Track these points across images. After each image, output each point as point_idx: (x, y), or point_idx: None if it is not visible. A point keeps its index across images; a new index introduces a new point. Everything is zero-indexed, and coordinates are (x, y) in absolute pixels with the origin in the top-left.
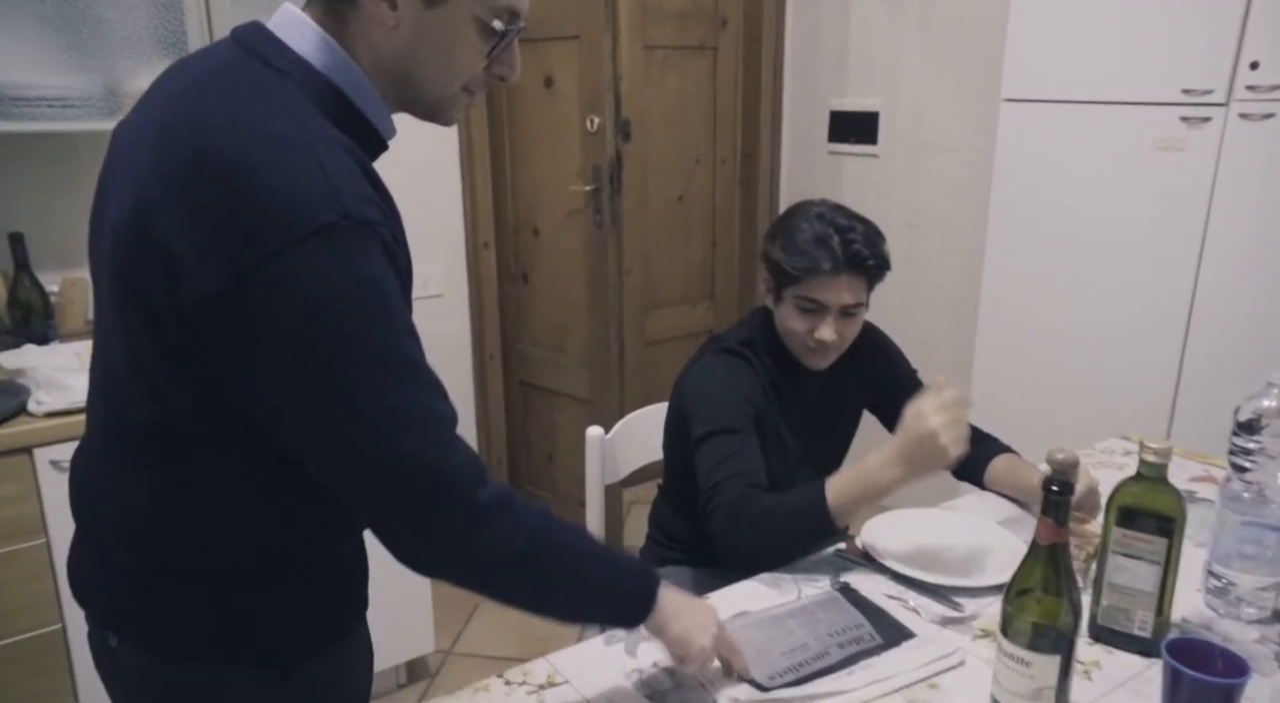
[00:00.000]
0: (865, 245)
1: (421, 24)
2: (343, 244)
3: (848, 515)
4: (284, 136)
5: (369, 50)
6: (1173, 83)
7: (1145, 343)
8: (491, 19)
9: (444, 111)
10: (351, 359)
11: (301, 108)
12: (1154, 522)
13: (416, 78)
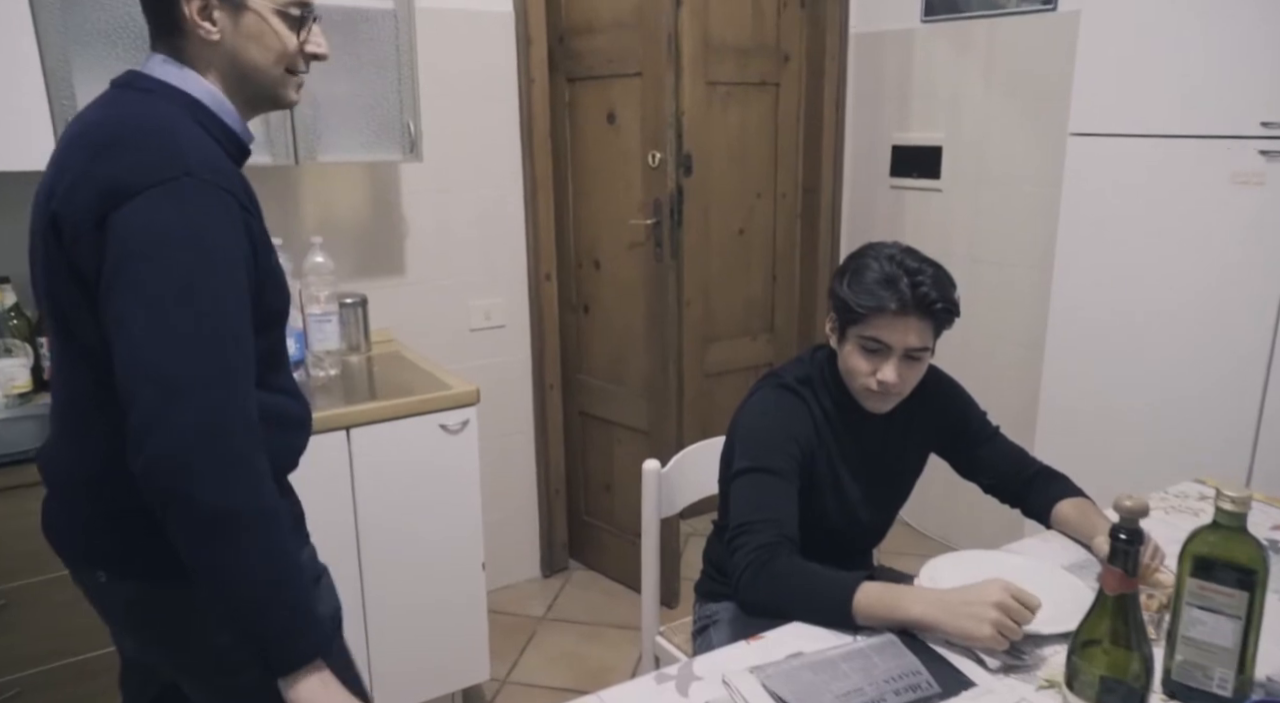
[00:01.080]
0: (934, 288)
1: (235, 31)
2: (181, 195)
3: (865, 621)
4: (146, 122)
5: (207, 65)
6: (1251, 115)
7: (1223, 383)
8: (290, 8)
9: (279, 95)
10: (158, 277)
11: (167, 109)
12: (1233, 574)
13: (248, 73)
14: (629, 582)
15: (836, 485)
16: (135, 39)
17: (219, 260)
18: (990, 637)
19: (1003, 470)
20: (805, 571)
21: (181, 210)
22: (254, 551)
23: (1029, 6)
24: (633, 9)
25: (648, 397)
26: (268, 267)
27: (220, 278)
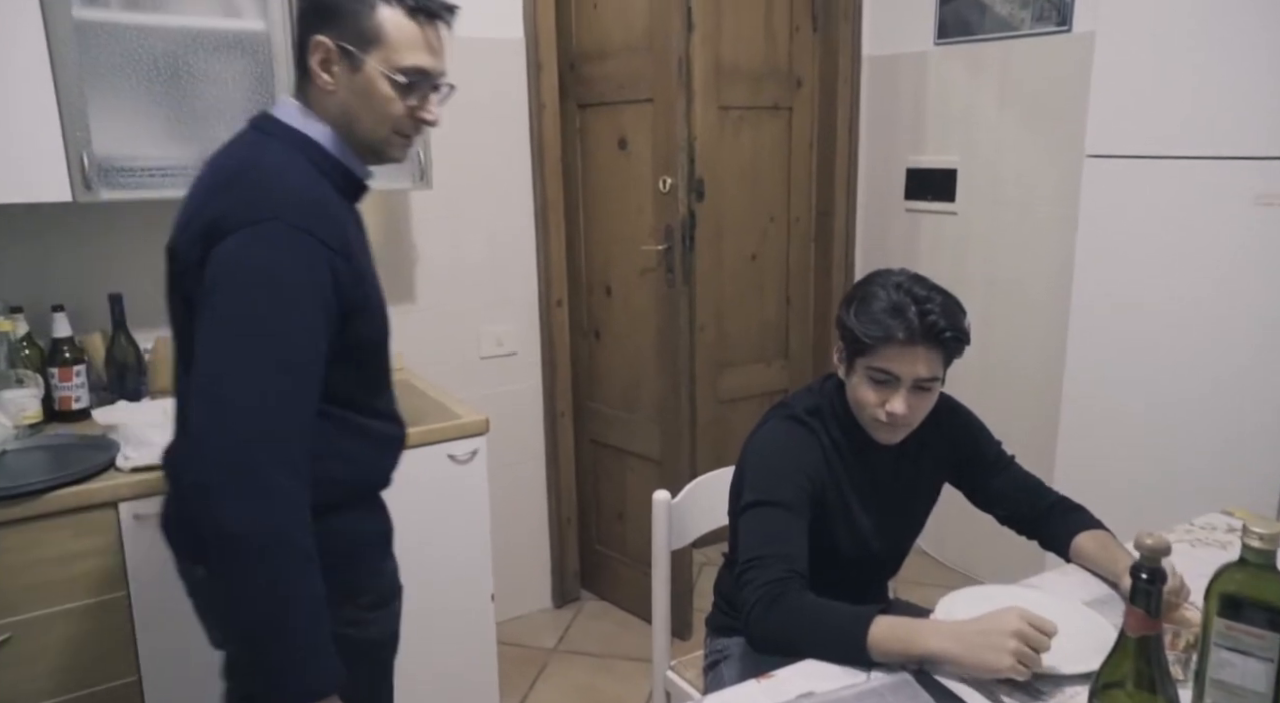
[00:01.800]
0: (943, 317)
1: (350, 85)
2: (267, 236)
3: (880, 657)
4: (254, 167)
5: (323, 108)
6: (1270, 135)
7: (1251, 408)
8: (397, 76)
9: (384, 151)
10: (235, 306)
11: (278, 153)
12: (1263, 614)
13: (355, 126)
14: (642, 612)
15: (848, 517)
16: (149, 73)
17: (291, 297)
18: (1010, 667)
19: (1018, 501)
20: (816, 606)
21: (264, 250)
22: (259, 579)
23: (1043, 28)
24: (644, 35)
25: (660, 424)
26: (358, 300)
27: (290, 313)
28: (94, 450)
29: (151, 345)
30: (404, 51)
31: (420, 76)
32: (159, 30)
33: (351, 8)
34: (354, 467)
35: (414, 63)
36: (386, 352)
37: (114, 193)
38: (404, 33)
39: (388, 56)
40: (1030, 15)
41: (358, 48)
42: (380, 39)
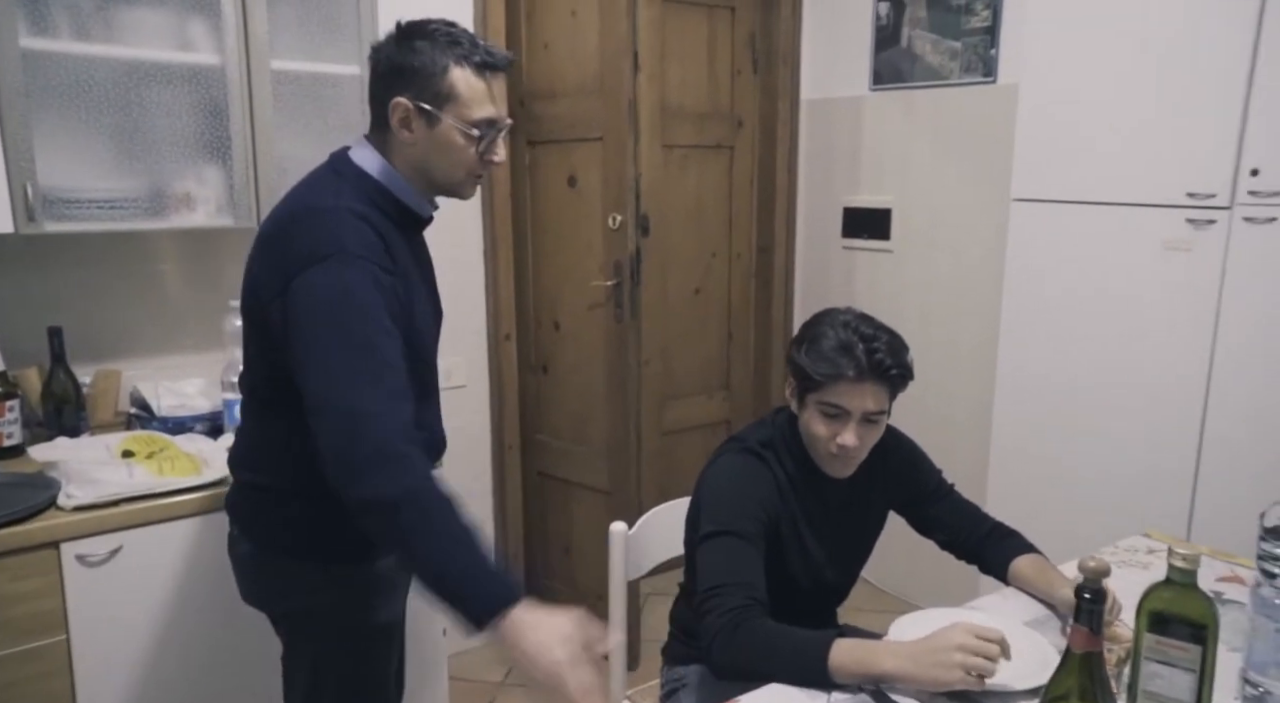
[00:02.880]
0: (889, 355)
1: (428, 139)
2: (334, 267)
3: (840, 678)
4: (318, 208)
5: (403, 159)
6: (1178, 185)
7: (1162, 439)
8: (471, 130)
9: (458, 191)
10: (326, 330)
11: (343, 193)
12: (1186, 628)
13: (433, 172)
14: None
15: (801, 546)
16: (99, 104)
17: (366, 312)
18: (960, 679)
19: (958, 527)
20: (778, 632)
21: (335, 280)
22: (417, 531)
23: (971, 78)
24: (594, 77)
25: (608, 457)
26: (405, 314)
27: (369, 324)
28: (32, 489)
29: (90, 379)
30: (475, 107)
31: (490, 126)
32: (109, 61)
33: (427, 71)
34: None
35: (484, 116)
36: (426, 364)
37: (59, 224)
38: (474, 90)
39: (461, 112)
40: (959, 66)
41: (435, 106)
42: (454, 97)
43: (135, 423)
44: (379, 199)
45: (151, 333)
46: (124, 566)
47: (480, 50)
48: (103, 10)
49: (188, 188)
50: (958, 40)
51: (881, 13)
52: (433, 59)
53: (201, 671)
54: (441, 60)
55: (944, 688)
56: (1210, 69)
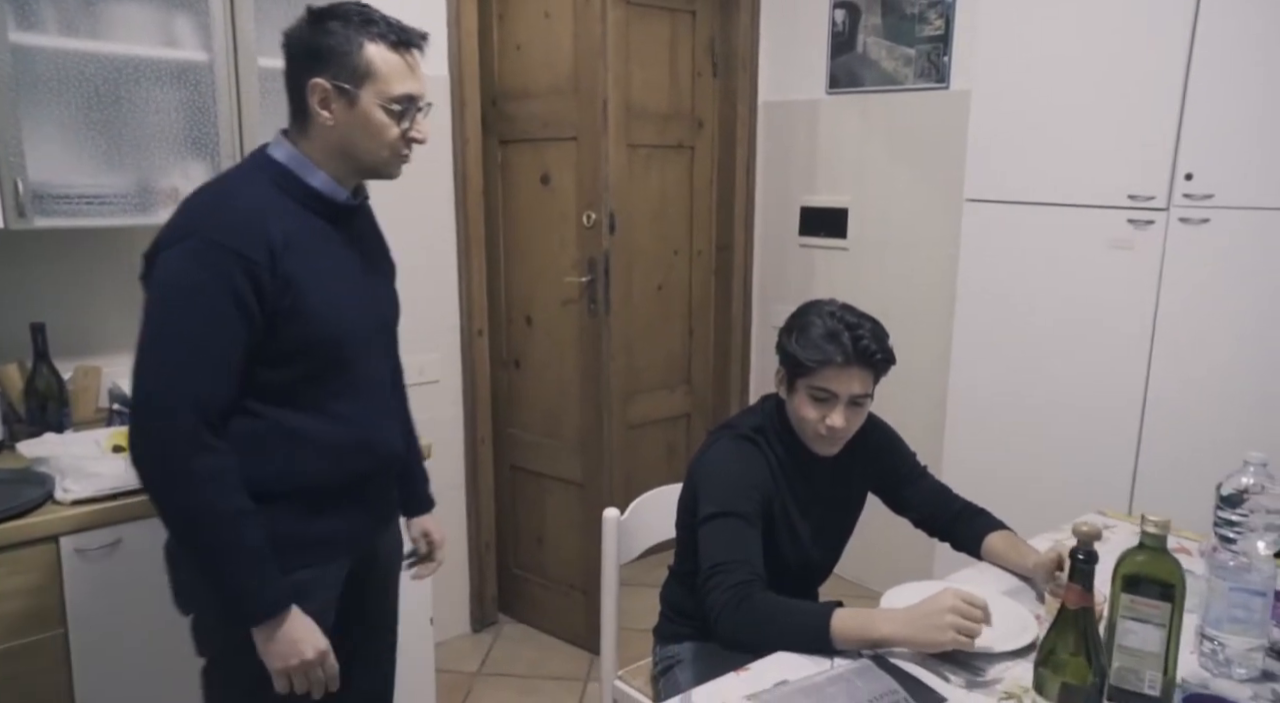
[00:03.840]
0: (873, 341)
1: (349, 119)
2: (181, 251)
3: (841, 644)
4: (200, 190)
5: (323, 143)
6: (1120, 188)
7: (1106, 424)
8: (391, 105)
9: (384, 171)
10: (150, 316)
11: (240, 179)
12: (1157, 588)
13: (357, 153)
14: (562, 634)
15: (790, 526)
16: (88, 100)
17: (195, 301)
18: (952, 640)
19: (931, 507)
20: (781, 604)
21: (178, 263)
22: (198, 541)
23: (924, 84)
24: (569, 78)
25: (581, 450)
26: (285, 305)
27: (195, 313)
28: (25, 485)
29: (72, 375)
30: (393, 82)
31: (409, 102)
32: (97, 57)
33: (342, 49)
34: (277, 467)
35: (403, 91)
36: (345, 360)
37: (48, 220)
38: (391, 66)
39: (380, 89)
40: (913, 72)
41: (353, 84)
42: (371, 74)
43: (116, 419)
44: (289, 186)
45: (131, 329)
46: (123, 559)
47: (394, 28)
48: (90, 6)
49: (175, 184)
50: (912, 47)
51: (838, 19)
52: (347, 38)
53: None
54: (356, 38)
55: (937, 649)
56: (1149, 80)
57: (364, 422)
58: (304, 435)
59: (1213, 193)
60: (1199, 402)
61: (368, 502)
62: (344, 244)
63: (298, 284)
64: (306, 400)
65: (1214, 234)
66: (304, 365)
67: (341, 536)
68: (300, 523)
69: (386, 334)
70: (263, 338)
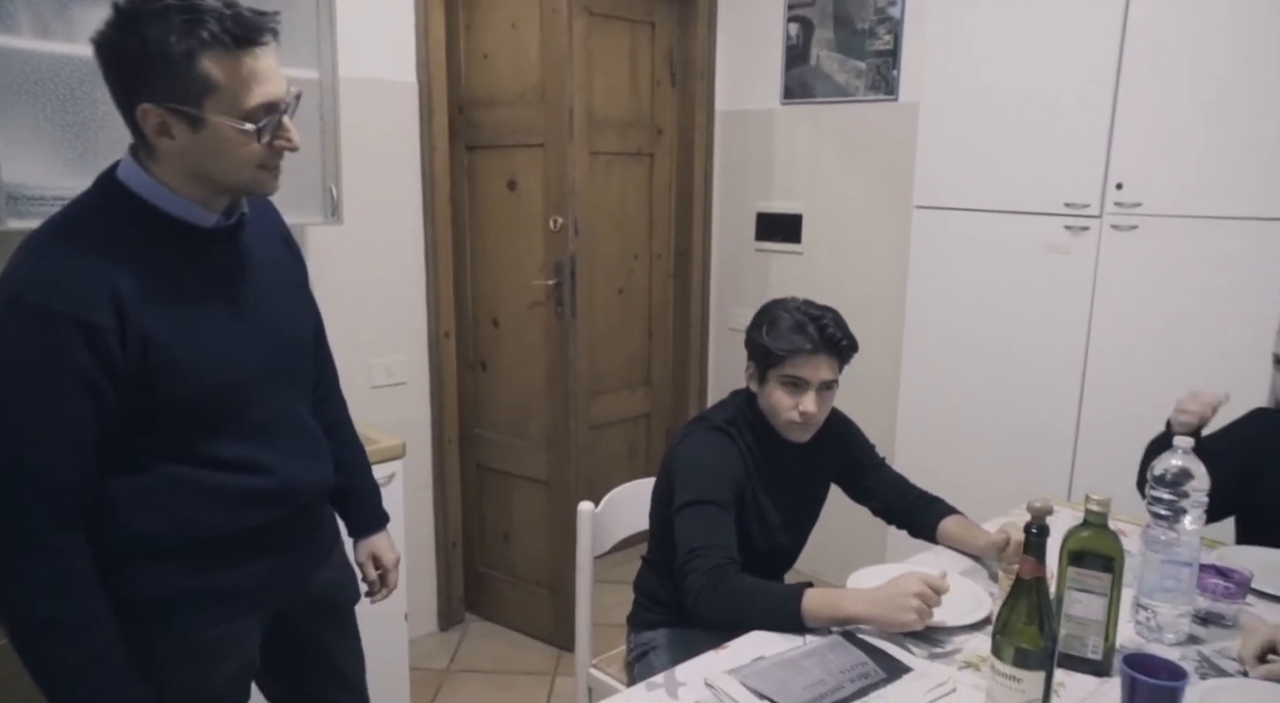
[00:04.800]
0: (837, 329)
1: (196, 144)
2: (9, 324)
3: (812, 623)
4: (37, 235)
5: (173, 169)
6: (1057, 196)
7: (1046, 418)
8: (242, 124)
9: (252, 190)
10: None
11: (82, 219)
12: (1100, 561)
13: (214, 175)
14: (530, 630)
15: (760, 514)
16: (63, 102)
17: (30, 390)
18: (915, 620)
19: (889, 496)
20: (755, 585)
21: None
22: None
23: (874, 96)
24: (536, 86)
25: (548, 449)
26: (149, 362)
27: (27, 405)
28: None
29: None
30: (242, 94)
31: (267, 111)
32: (72, 60)
33: (169, 64)
34: (166, 521)
35: (257, 101)
36: (227, 403)
37: (22, 221)
38: (235, 74)
39: (228, 105)
40: (864, 84)
41: (192, 106)
42: (212, 89)
43: None
44: (141, 216)
45: None
46: None
47: (230, 20)
48: (64, 9)
49: None
50: (862, 61)
51: (792, 33)
52: (171, 48)
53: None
54: (183, 47)
55: (901, 629)
56: (1082, 95)
57: (268, 466)
58: (195, 487)
59: (1141, 201)
60: (1131, 396)
61: (282, 549)
62: (216, 274)
63: (157, 339)
64: (195, 451)
65: (1142, 240)
66: (183, 419)
67: (248, 588)
68: (197, 578)
69: (294, 360)
70: (127, 404)
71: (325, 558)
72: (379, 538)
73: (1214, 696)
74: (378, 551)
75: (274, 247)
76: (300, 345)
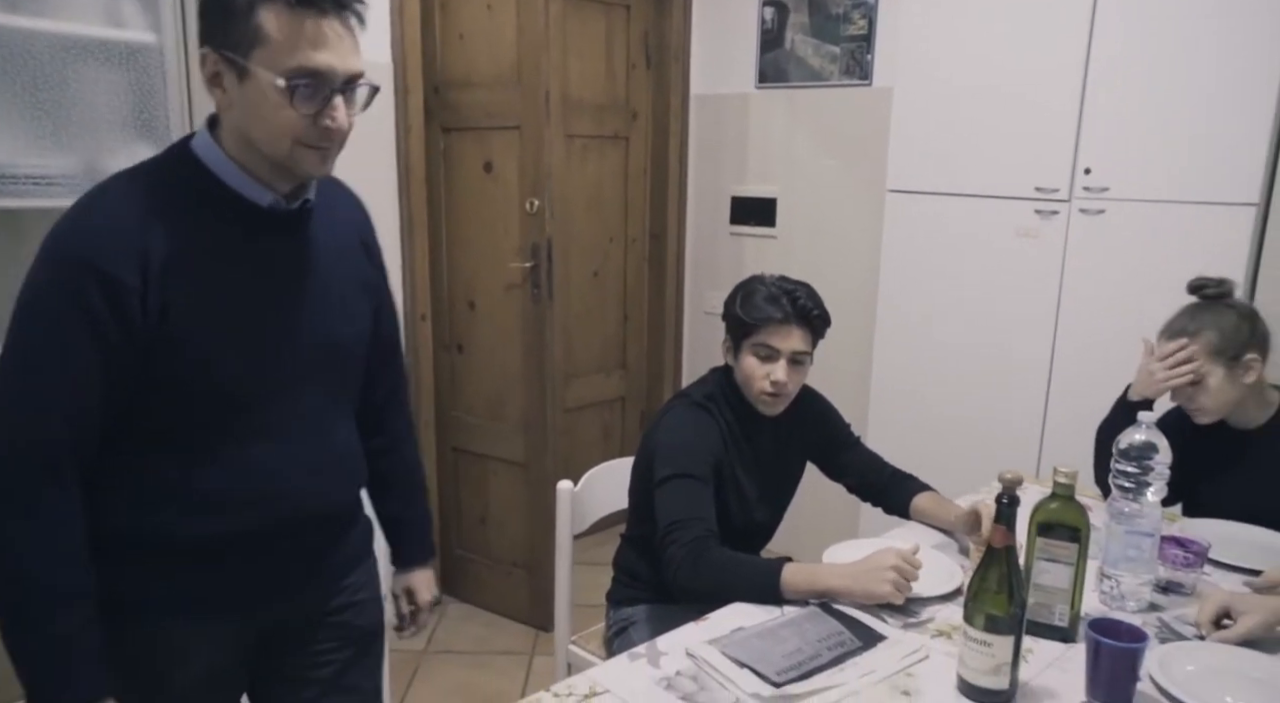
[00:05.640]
0: (809, 300)
1: (243, 99)
2: (37, 271)
3: (790, 595)
4: (86, 194)
5: (230, 131)
6: (1027, 180)
7: (1016, 397)
8: (276, 79)
9: (291, 166)
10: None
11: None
12: (1067, 531)
13: (256, 140)
14: (507, 612)
15: (738, 488)
16: (33, 79)
17: (43, 334)
18: (890, 593)
19: (864, 473)
20: (735, 558)
21: (26, 286)
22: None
23: (848, 81)
24: (512, 68)
25: (525, 431)
26: (164, 332)
27: (39, 350)
28: None
29: None
30: (287, 52)
31: (309, 78)
32: (42, 36)
33: (233, 9)
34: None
35: (298, 63)
36: (239, 398)
37: None
38: (286, 30)
39: (271, 59)
40: (838, 69)
41: (240, 54)
42: (262, 40)
43: None
44: (201, 185)
45: None
46: None
47: None
48: None
49: (121, 164)
50: (837, 45)
51: (767, 17)
52: None
53: None
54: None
55: (875, 600)
56: (1052, 81)
57: (272, 470)
58: (181, 481)
59: (1108, 186)
60: (1097, 375)
61: (269, 559)
62: (265, 260)
63: (178, 310)
64: (191, 443)
65: (1110, 223)
66: (185, 406)
67: (225, 594)
68: (171, 578)
69: (329, 365)
70: (133, 373)
71: (334, 579)
72: (418, 575)
73: (1172, 658)
74: (413, 586)
75: (347, 244)
76: (342, 351)
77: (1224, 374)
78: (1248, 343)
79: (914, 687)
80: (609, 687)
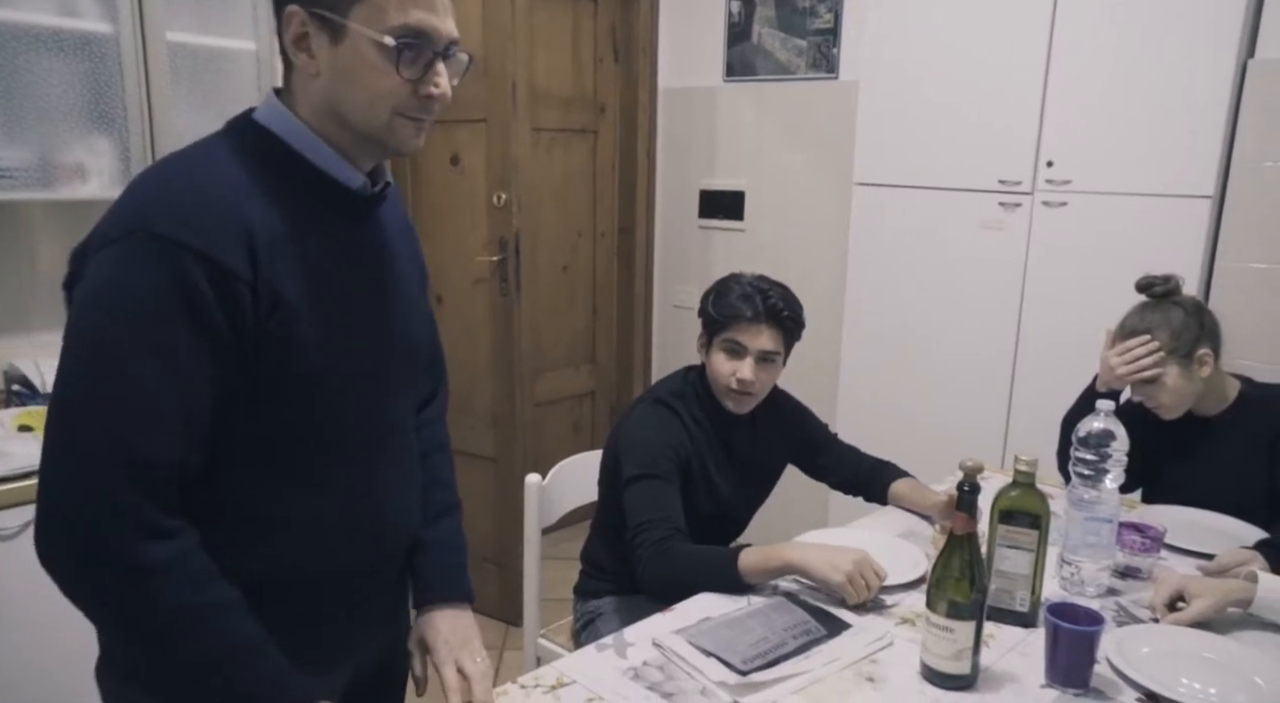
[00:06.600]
0: (782, 301)
1: (334, 62)
2: (117, 253)
3: (751, 578)
4: (163, 166)
5: (311, 102)
6: (991, 174)
7: (981, 388)
8: (383, 37)
9: (386, 138)
10: (73, 339)
11: (215, 152)
12: (1027, 518)
13: (347, 112)
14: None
15: (708, 483)
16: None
17: (143, 331)
18: (840, 585)
19: (845, 470)
20: (698, 551)
21: (111, 270)
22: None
23: (815, 74)
24: (478, 60)
25: (494, 426)
26: (271, 334)
27: (139, 351)
28: None
29: None
30: (393, 9)
31: (416, 38)
32: None
33: None
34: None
35: (406, 21)
36: (343, 402)
37: None
38: None
39: (373, 16)
40: (805, 62)
41: (337, 12)
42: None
43: (15, 400)
44: (280, 162)
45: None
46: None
47: None
48: None
49: (79, 159)
50: (803, 39)
51: (734, 10)
52: None
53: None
54: None
55: (826, 589)
56: (1015, 75)
57: (369, 491)
58: (283, 511)
59: (1070, 179)
60: (1060, 365)
61: (368, 600)
62: (356, 248)
63: (289, 301)
64: (287, 462)
65: (1071, 216)
66: (288, 414)
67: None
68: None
69: (412, 370)
70: (237, 381)
71: (393, 616)
72: (442, 614)
73: (1129, 640)
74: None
75: (406, 239)
76: (419, 354)
77: (1179, 371)
78: (1198, 338)
79: (878, 673)
80: (576, 677)
